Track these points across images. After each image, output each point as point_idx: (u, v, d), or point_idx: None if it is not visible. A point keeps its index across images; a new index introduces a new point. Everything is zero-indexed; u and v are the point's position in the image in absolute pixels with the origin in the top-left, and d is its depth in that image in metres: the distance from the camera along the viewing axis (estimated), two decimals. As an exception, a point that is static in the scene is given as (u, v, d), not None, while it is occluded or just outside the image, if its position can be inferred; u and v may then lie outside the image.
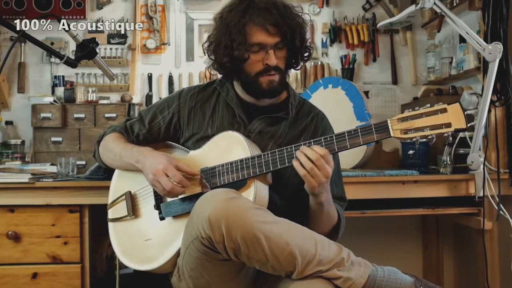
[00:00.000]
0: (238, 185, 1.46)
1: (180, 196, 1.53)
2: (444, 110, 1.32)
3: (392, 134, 1.35)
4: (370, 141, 1.38)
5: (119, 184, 1.73)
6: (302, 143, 1.43)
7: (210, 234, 1.27)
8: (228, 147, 1.52)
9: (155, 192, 1.60)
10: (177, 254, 1.47)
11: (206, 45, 1.64)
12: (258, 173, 1.45)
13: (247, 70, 1.57)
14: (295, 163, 1.40)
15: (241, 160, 1.47)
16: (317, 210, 1.50)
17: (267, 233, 1.27)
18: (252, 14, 1.51)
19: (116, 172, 1.76)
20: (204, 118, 1.66)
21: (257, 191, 1.44)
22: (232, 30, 1.52)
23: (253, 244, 1.26)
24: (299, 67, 1.68)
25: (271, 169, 1.45)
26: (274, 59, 1.54)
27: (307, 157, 1.38)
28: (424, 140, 1.35)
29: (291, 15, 1.55)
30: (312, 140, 1.43)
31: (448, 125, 1.32)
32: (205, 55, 1.66)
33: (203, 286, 1.42)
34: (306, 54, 1.65)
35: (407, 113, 1.35)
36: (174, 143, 1.72)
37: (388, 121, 1.36)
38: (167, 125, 1.70)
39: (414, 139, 1.35)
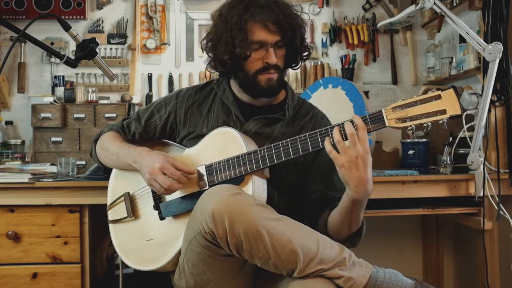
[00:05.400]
0: (236, 181, 1.46)
1: (178, 196, 1.53)
2: (438, 97, 1.32)
3: (387, 124, 1.34)
4: None
5: (117, 184, 1.73)
6: (297, 137, 1.43)
7: (213, 229, 1.28)
8: (224, 143, 1.52)
9: (153, 192, 1.60)
10: (179, 253, 1.47)
11: (204, 42, 1.63)
12: (255, 168, 1.45)
13: (246, 68, 1.57)
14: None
15: (237, 157, 1.47)
16: (347, 210, 1.45)
17: (270, 229, 1.27)
18: (253, 12, 1.51)
19: (114, 172, 1.76)
20: (200, 117, 1.66)
21: (255, 186, 1.44)
22: (233, 28, 1.52)
23: (256, 240, 1.27)
24: (297, 67, 1.68)
25: (268, 164, 1.45)
26: (274, 57, 1.54)
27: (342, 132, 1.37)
28: (420, 131, 1.33)
29: (291, 14, 1.56)
30: (307, 134, 1.42)
31: (443, 112, 1.30)
32: (203, 52, 1.66)
33: (204, 283, 1.42)
34: (305, 54, 1.65)
35: (401, 102, 1.34)
36: (170, 141, 1.72)
37: (383, 111, 1.35)
38: (164, 124, 1.70)
39: (409, 128, 1.33)
